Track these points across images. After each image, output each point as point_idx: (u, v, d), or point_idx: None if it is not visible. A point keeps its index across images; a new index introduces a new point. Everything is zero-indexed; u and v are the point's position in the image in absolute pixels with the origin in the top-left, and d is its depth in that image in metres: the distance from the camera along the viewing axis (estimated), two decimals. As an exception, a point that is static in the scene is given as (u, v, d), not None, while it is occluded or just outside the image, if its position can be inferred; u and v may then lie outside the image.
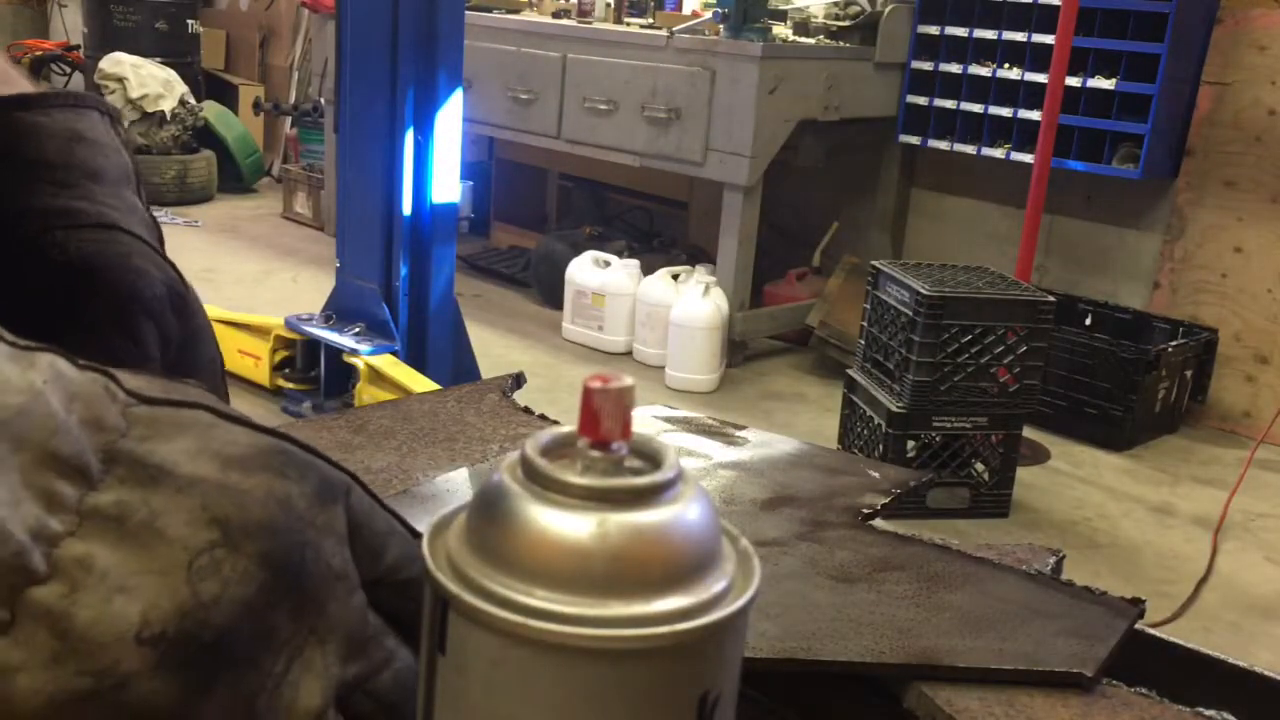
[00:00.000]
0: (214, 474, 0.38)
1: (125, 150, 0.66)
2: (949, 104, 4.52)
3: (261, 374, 3.78)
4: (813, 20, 4.72)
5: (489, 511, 0.36)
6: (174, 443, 0.38)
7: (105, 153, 0.63)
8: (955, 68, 4.49)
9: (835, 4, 4.79)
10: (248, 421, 0.41)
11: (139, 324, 0.60)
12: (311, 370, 3.69)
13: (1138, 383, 3.84)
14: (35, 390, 0.36)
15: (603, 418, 0.36)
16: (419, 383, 3.23)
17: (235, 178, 6.76)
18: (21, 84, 0.65)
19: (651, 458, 0.37)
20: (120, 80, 6.29)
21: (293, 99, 7.12)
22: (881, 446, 3.26)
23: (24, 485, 0.34)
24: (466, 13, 3.55)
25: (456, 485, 0.94)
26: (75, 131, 0.62)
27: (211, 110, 6.71)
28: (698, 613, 0.34)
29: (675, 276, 4.46)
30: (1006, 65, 4.37)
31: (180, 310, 0.62)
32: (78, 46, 7.41)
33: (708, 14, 4.68)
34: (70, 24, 7.98)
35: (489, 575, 0.35)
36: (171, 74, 6.55)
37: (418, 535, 0.43)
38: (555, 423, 1.01)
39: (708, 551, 0.36)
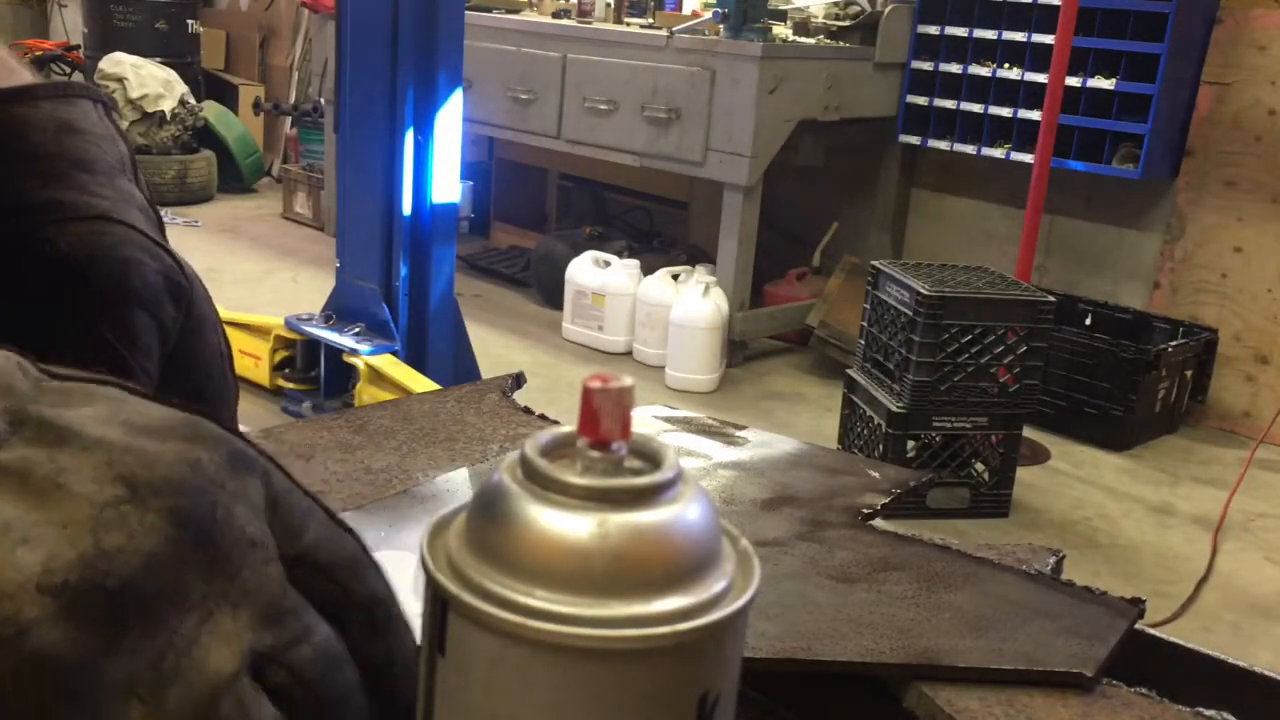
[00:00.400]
0: (122, 437, 0.37)
1: (120, 138, 0.65)
2: (949, 104, 4.52)
3: (261, 374, 3.78)
4: (813, 20, 4.72)
5: (489, 511, 0.36)
6: (83, 410, 0.38)
7: (97, 141, 0.62)
8: (955, 68, 4.49)
9: (835, 4, 4.79)
10: (162, 400, 0.40)
11: (131, 315, 0.59)
12: (311, 370, 3.69)
13: (1138, 383, 3.84)
14: None
15: (602, 418, 0.35)
16: (419, 383, 3.23)
17: (235, 178, 6.77)
18: (23, 76, 0.64)
19: (651, 458, 0.37)
20: (120, 80, 6.29)
21: (293, 99, 7.12)
22: (881, 446, 3.26)
23: None
24: (466, 13, 3.55)
25: (456, 485, 0.94)
26: (64, 122, 0.61)
27: (211, 110, 6.72)
28: (698, 613, 0.34)
29: (675, 276, 4.46)
30: (1006, 65, 4.37)
31: (178, 298, 0.62)
32: (78, 46, 7.41)
33: (708, 14, 4.68)
34: (70, 24, 7.98)
35: (489, 575, 0.35)
36: (171, 74, 6.55)
37: (346, 528, 0.43)
38: (555, 423, 1.01)
39: (708, 551, 0.36)
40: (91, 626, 0.34)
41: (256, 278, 5.16)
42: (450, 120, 3.37)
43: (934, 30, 4.53)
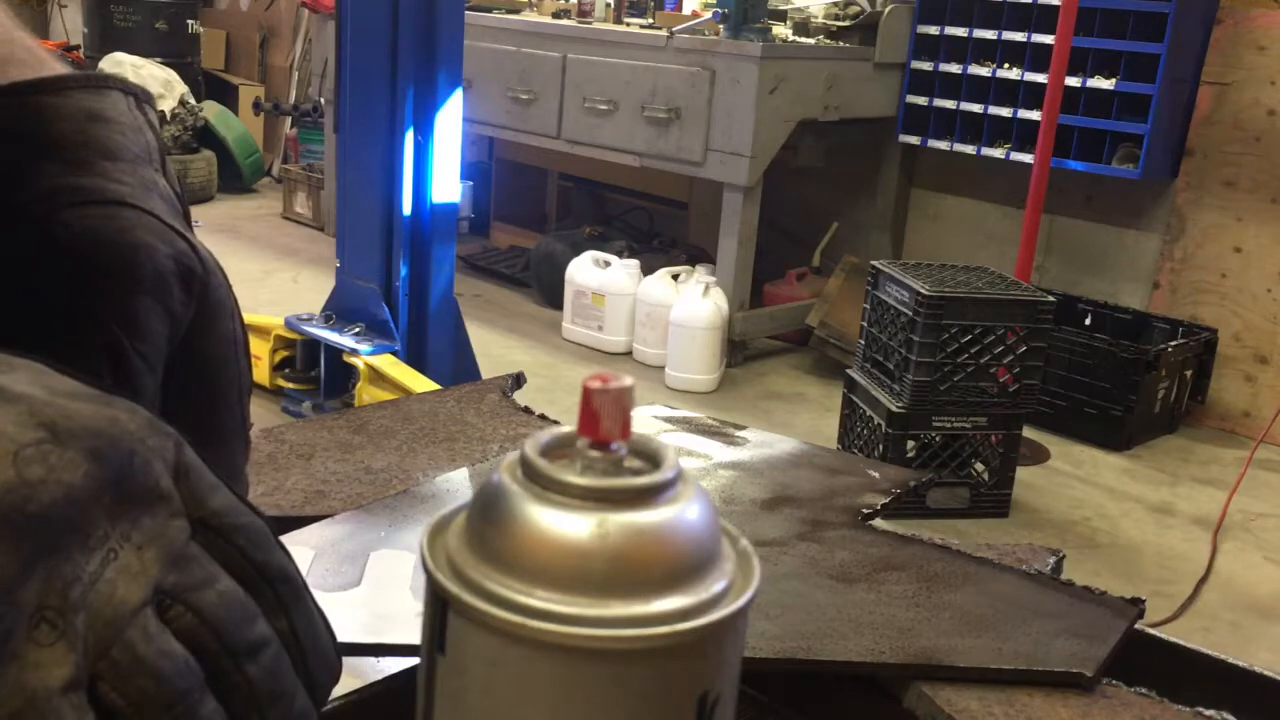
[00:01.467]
0: (43, 395, 0.39)
1: (150, 129, 0.65)
2: (949, 104, 4.52)
3: (261, 374, 3.78)
4: (813, 20, 4.72)
5: (489, 511, 0.36)
6: (6, 376, 0.40)
7: (123, 131, 0.62)
8: (955, 68, 4.49)
9: (835, 4, 4.79)
10: (79, 376, 0.42)
11: (135, 301, 0.59)
12: (311, 370, 3.69)
13: (1138, 383, 3.84)
14: None
15: (602, 418, 0.36)
16: (419, 383, 3.23)
17: (235, 178, 6.77)
18: (54, 66, 0.64)
19: (651, 458, 0.37)
20: (120, 80, 6.28)
21: (293, 99, 7.12)
22: (881, 446, 3.26)
23: None
24: (466, 13, 3.55)
25: (456, 485, 0.94)
26: (92, 111, 0.61)
27: (211, 110, 6.72)
28: (697, 613, 0.35)
29: (675, 276, 4.46)
30: (1006, 65, 4.37)
31: (190, 284, 0.61)
32: (78, 46, 7.41)
33: (708, 14, 4.68)
34: (70, 24, 7.98)
35: (489, 575, 0.35)
36: (171, 74, 6.55)
37: (256, 511, 0.44)
38: (555, 423, 1.01)
39: (707, 551, 0.36)
40: (8, 548, 0.36)
41: (257, 278, 5.16)
42: (450, 120, 3.37)
43: (934, 30, 4.53)
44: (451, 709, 0.36)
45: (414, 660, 0.58)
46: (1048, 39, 3.99)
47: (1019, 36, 4.30)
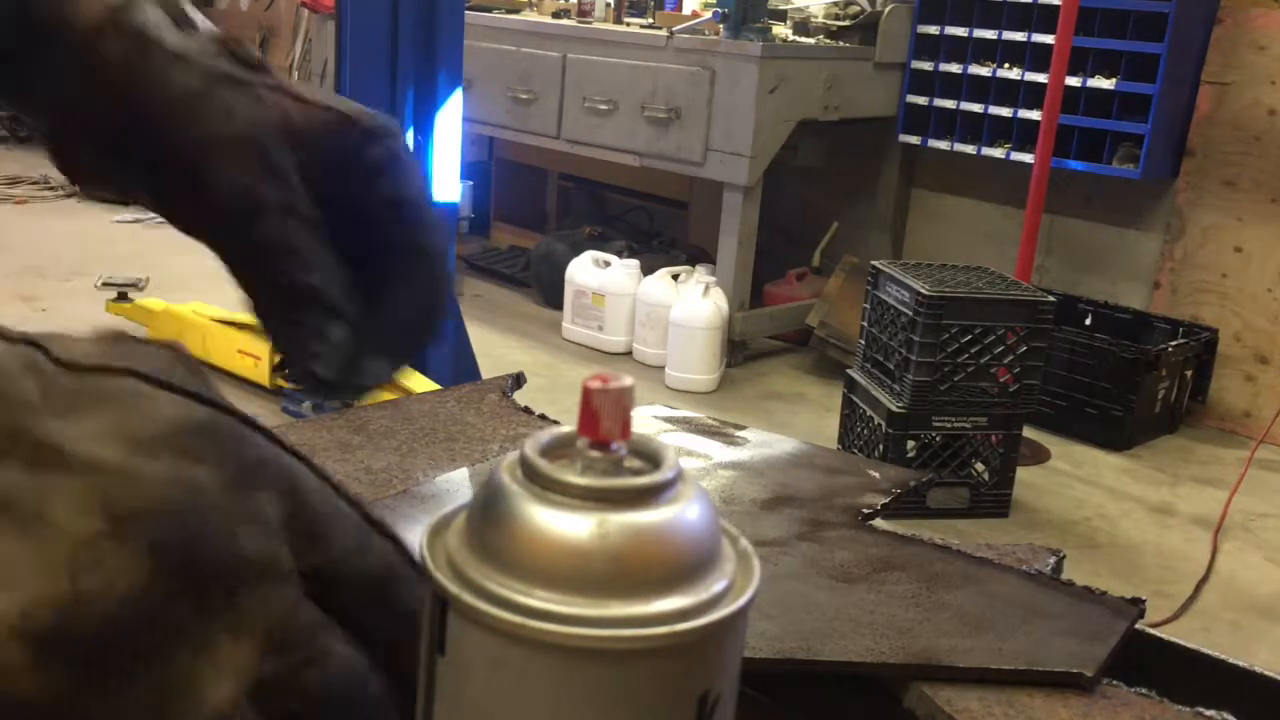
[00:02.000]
0: (114, 458, 0.36)
1: None
2: (949, 104, 4.52)
3: (261, 374, 3.78)
4: (813, 20, 4.72)
5: (488, 511, 0.36)
6: (84, 423, 0.36)
7: None
8: (955, 68, 4.49)
9: (835, 4, 4.79)
10: (184, 390, 0.38)
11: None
12: (312, 370, 3.69)
13: (1138, 383, 3.84)
14: None
15: (602, 418, 0.35)
16: (419, 383, 3.23)
17: (235, 178, 6.76)
18: None
19: (651, 458, 0.37)
20: (120, 80, 6.29)
21: (293, 99, 7.11)
22: (881, 446, 3.26)
23: None
24: (466, 13, 3.55)
25: (456, 485, 0.94)
26: None
27: (211, 110, 6.71)
28: (697, 613, 0.34)
29: (675, 276, 4.46)
30: (1006, 65, 4.37)
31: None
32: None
33: (708, 14, 4.68)
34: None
35: (489, 575, 0.35)
36: (171, 74, 6.54)
37: (386, 532, 0.41)
38: (555, 423, 1.01)
39: (708, 551, 0.36)
40: (71, 672, 0.33)
41: (256, 278, 5.16)
42: (450, 120, 3.37)
43: (934, 30, 4.53)
44: (451, 709, 0.36)
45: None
46: (1048, 39, 3.98)
47: (1019, 36, 4.30)
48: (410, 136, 3.35)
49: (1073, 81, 4.02)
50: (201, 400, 0.38)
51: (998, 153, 4.43)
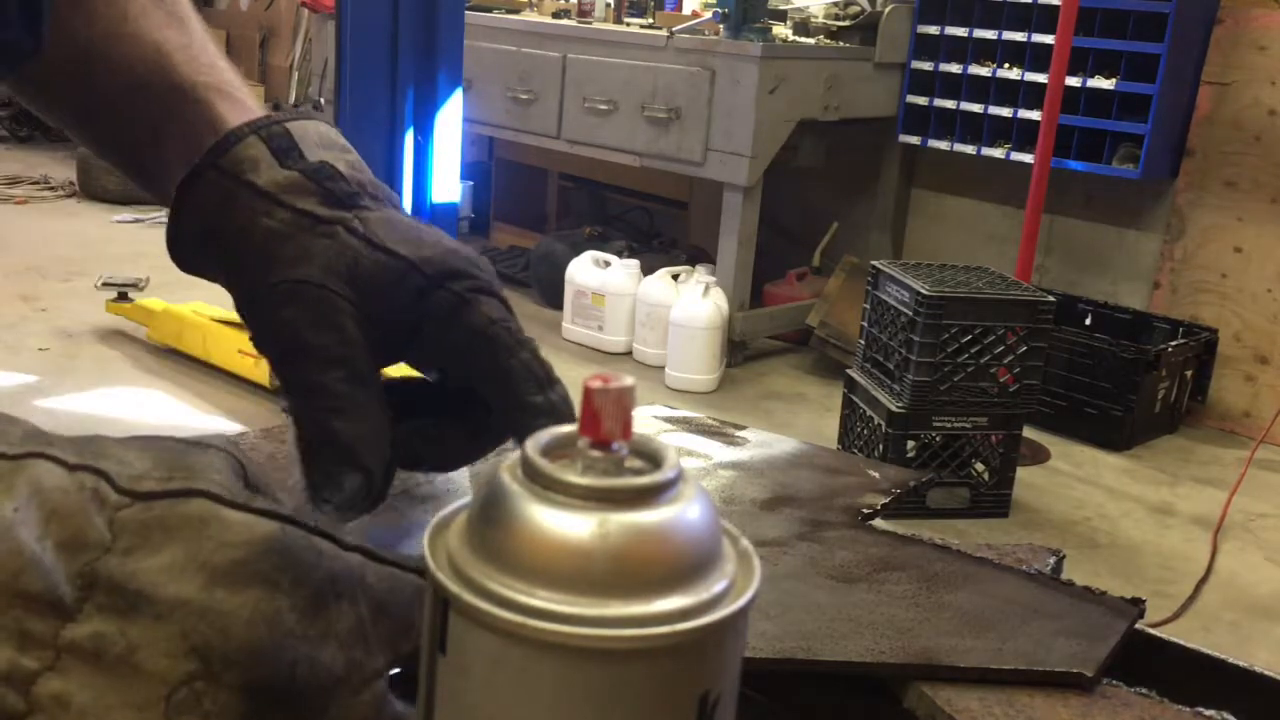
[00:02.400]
0: (197, 594, 0.37)
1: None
2: (949, 104, 4.52)
3: (261, 374, 3.77)
4: (813, 20, 4.72)
5: (490, 511, 0.36)
6: (159, 556, 0.37)
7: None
8: (955, 68, 4.49)
9: (835, 4, 4.79)
10: (249, 507, 0.39)
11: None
12: (311, 370, 3.69)
13: (1138, 383, 3.84)
14: (3, 525, 0.35)
15: (603, 418, 0.36)
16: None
17: (235, 178, 6.76)
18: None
19: (652, 458, 0.37)
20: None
21: (293, 99, 7.12)
22: (881, 446, 3.26)
23: None
24: (466, 13, 3.55)
25: (456, 485, 0.94)
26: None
27: (211, 110, 6.70)
28: (698, 613, 0.35)
29: (675, 276, 4.46)
30: (1006, 65, 4.37)
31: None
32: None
33: (708, 14, 4.68)
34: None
35: (490, 575, 0.35)
36: (171, 74, 6.54)
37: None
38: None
39: (708, 551, 0.36)
40: None
41: (256, 278, 5.16)
42: (450, 120, 3.37)
43: (934, 30, 4.53)
44: (452, 709, 0.36)
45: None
46: (1048, 39, 3.98)
47: (1019, 36, 4.30)
48: (410, 137, 3.35)
49: (1073, 81, 4.02)
50: (266, 514, 0.40)
51: (998, 153, 4.43)
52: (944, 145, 4.57)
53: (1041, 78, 4.07)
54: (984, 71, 4.42)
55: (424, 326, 0.64)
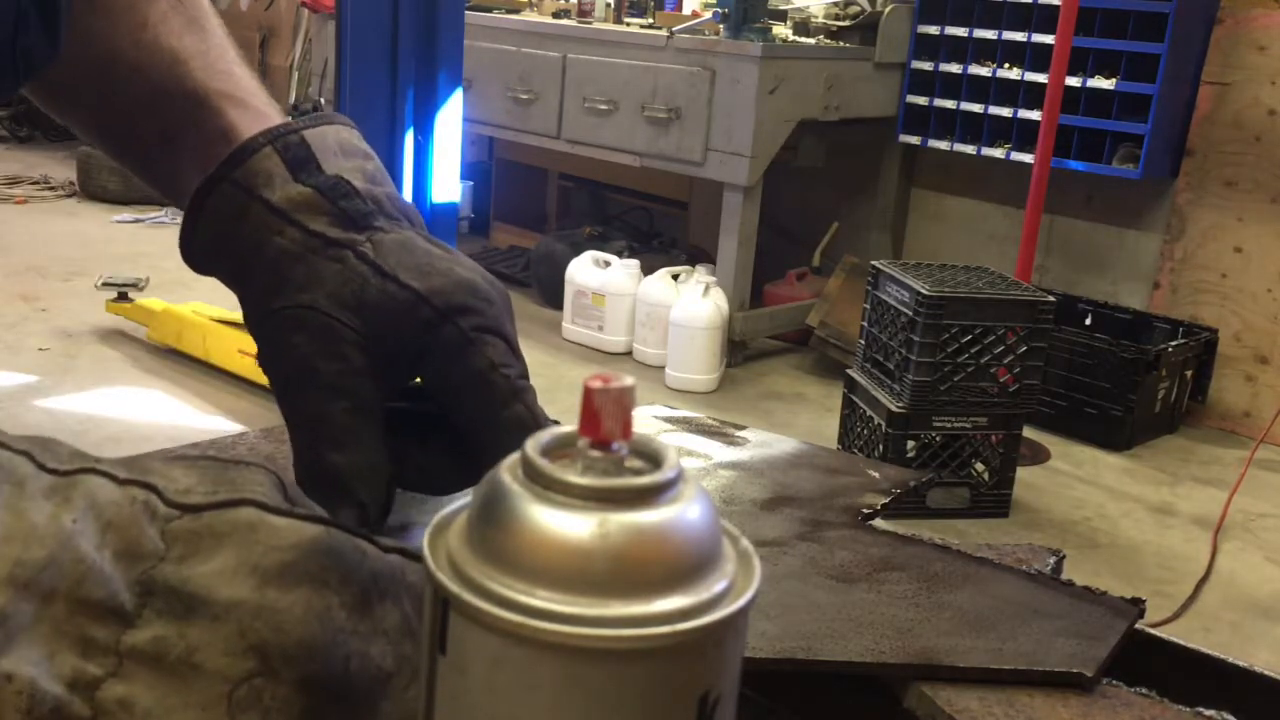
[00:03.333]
0: (250, 595, 0.38)
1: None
2: (949, 104, 4.52)
3: (261, 374, 3.77)
4: (813, 20, 4.72)
5: (490, 511, 0.36)
6: (212, 561, 0.38)
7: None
8: (955, 68, 4.49)
9: (835, 4, 4.79)
10: (293, 513, 0.40)
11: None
12: (311, 370, 3.68)
13: (1138, 383, 3.84)
14: (64, 536, 0.36)
15: (603, 418, 0.36)
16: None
17: (235, 178, 6.75)
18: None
19: (652, 458, 0.37)
20: (120, 80, 6.28)
21: (292, 99, 7.12)
22: (881, 446, 3.26)
23: (57, 636, 0.35)
24: (466, 13, 3.55)
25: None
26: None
27: (211, 110, 6.70)
28: (698, 613, 0.35)
29: (675, 276, 4.46)
30: (1006, 65, 4.37)
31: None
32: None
33: (708, 14, 4.68)
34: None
35: (490, 575, 0.35)
36: (171, 74, 6.54)
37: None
38: (555, 422, 1.01)
39: (708, 551, 0.36)
40: None
41: (256, 278, 5.15)
42: (450, 120, 3.37)
43: (934, 30, 4.53)
44: (452, 709, 0.36)
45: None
46: (1048, 39, 3.99)
47: (1019, 36, 4.30)
48: (410, 137, 3.35)
49: (1073, 81, 4.02)
50: (310, 519, 0.41)
51: (998, 153, 4.43)
52: (944, 145, 4.57)
53: (1041, 78, 4.07)
54: (984, 71, 4.42)
55: (427, 359, 0.64)
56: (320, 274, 0.62)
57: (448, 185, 3.42)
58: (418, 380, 0.68)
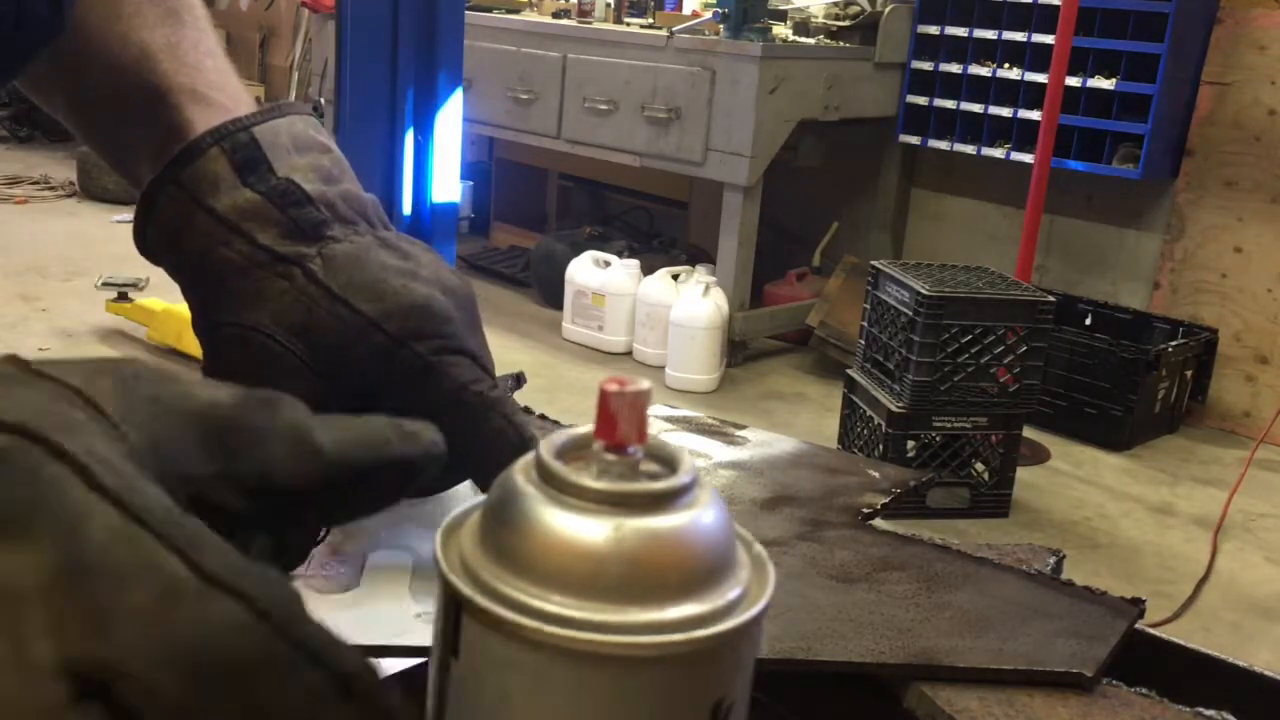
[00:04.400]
0: None
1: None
2: (949, 104, 4.52)
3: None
4: (813, 20, 4.72)
5: (503, 514, 0.36)
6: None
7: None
8: (955, 68, 4.49)
9: (835, 4, 4.79)
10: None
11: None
12: (312, 370, 3.68)
13: (1138, 383, 3.84)
14: None
15: (619, 421, 0.35)
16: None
17: (235, 177, 6.75)
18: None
19: (667, 461, 0.37)
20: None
21: (293, 99, 7.12)
22: (881, 446, 3.26)
23: None
24: (466, 13, 3.55)
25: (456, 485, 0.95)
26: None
27: (211, 109, 6.70)
28: (713, 620, 0.34)
29: (675, 276, 4.46)
30: (1006, 65, 4.37)
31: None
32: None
33: (708, 14, 4.68)
34: (70, 23, 7.97)
35: (503, 579, 0.35)
36: (172, 73, 6.53)
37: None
38: (555, 423, 1.01)
39: (723, 558, 0.36)
40: None
41: (257, 277, 5.16)
42: (450, 120, 3.37)
43: (934, 30, 4.53)
44: (464, 712, 0.36)
45: (412, 661, 0.59)
46: (1048, 39, 3.99)
47: (1019, 36, 4.30)
48: (410, 137, 3.35)
49: (1073, 81, 4.02)
50: None
51: (998, 153, 4.43)
52: (944, 145, 4.57)
53: (1041, 78, 4.07)
54: (984, 71, 4.42)
55: (389, 389, 0.60)
56: (266, 292, 0.59)
57: (448, 185, 3.42)
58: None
